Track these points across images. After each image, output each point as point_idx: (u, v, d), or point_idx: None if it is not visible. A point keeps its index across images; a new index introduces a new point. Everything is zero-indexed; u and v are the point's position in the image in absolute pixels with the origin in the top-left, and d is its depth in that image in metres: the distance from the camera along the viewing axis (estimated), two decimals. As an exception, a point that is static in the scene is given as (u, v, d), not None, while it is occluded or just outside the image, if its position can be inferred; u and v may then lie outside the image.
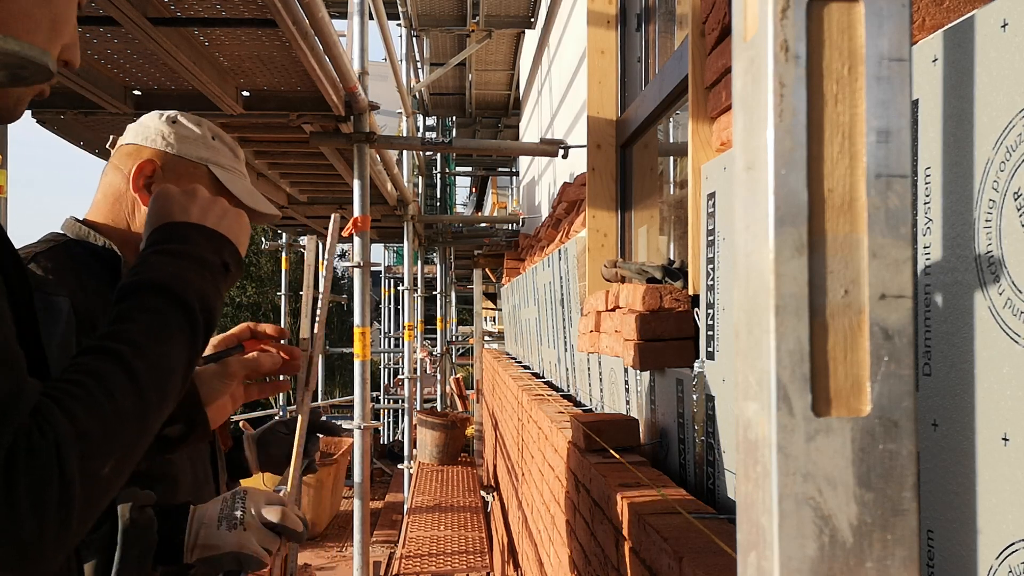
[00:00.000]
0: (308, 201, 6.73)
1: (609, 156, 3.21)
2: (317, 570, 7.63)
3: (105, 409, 0.70)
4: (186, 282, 0.85)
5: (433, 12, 7.77)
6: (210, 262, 0.90)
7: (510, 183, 16.26)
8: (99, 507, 0.71)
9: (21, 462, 0.64)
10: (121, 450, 0.71)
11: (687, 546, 1.37)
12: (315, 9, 2.91)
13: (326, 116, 3.92)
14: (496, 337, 12.96)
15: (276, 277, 19.63)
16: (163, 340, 0.80)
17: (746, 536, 0.47)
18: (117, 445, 0.71)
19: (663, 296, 1.97)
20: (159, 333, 0.80)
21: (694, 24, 1.91)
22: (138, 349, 0.76)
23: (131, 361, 0.75)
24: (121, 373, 0.74)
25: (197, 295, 0.85)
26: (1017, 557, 0.82)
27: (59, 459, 0.66)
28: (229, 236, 0.95)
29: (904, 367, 0.45)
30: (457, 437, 8.75)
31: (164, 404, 0.78)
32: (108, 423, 0.70)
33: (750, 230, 0.47)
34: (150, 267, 0.86)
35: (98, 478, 0.69)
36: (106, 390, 0.71)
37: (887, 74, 0.45)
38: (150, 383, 0.75)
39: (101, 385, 0.72)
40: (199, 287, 0.86)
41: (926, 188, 0.97)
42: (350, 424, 4.08)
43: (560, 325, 4.08)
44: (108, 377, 0.73)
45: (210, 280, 0.89)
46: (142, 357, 0.76)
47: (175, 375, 0.80)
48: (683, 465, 2.01)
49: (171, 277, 0.85)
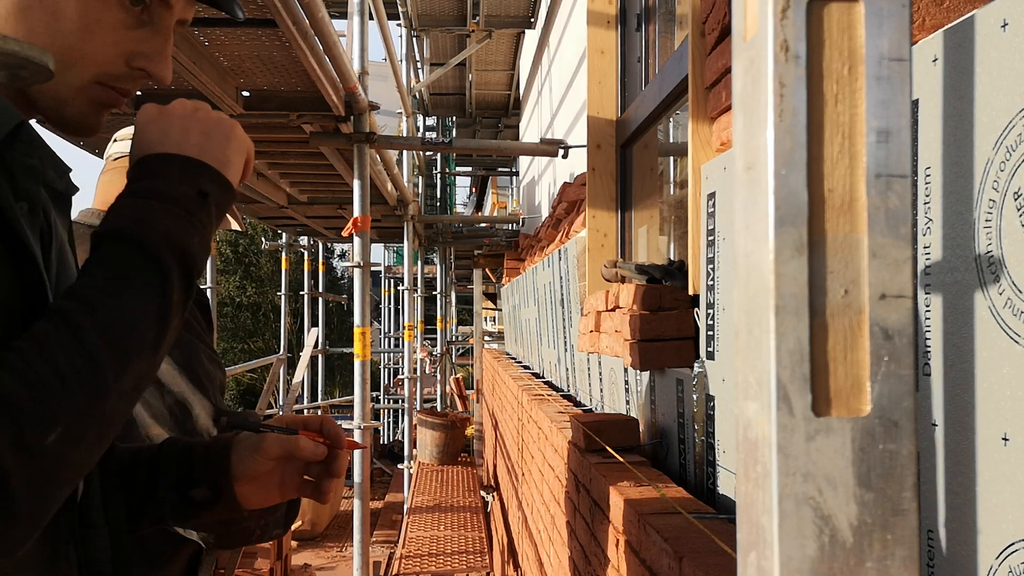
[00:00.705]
0: (308, 201, 6.73)
1: (609, 156, 3.21)
2: (317, 570, 7.64)
3: (40, 374, 0.66)
4: (147, 224, 0.77)
5: (433, 12, 7.78)
6: (180, 195, 0.81)
7: (510, 183, 16.26)
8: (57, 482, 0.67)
9: None
10: (68, 417, 0.66)
11: (687, 546, 1.37)
12: (315, 9, 2.91)
13: (326, 116, 3.92)
14: (496, 337, 12.96)
15: (276, 277, 19.64)
16: (118, 291, 0.73)
17: (746, 536, 0.47)
18: (60, 412, 0.66)
19: (663, 296, 1.97)
20: (113, 284, 0.74)
21: (694, 24, 1.91)
22: (87, 304, 0.71)
23: (77, 318, 0.69)
24: (65, 333, 0.68)
25: (162, 236, 0.77)
26: (1017, 557, 0.82)
27: None
28: (209, 159, 0.85)
29: (904, 367, 0.45)
30: (457, 437, 8.76)
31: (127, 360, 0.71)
32: (44, 390, 0.65)
33: (750, 230, 0.47)
34: (113, 214, 0.79)
35: (41, 450, 0.64)
36: (45, 353, 0.67)
37: (887, 74, 0.45)
38: (102, 340, 0.70)
39: (40, 349, 0.67)
40: (165, 226, 0.78)
41: (926, 188, 0.97)
42: (350, 424, 4.08)
43: (560, 325, 4.08)
44: (49, 339, 0.68)
45: (181, 215, 0.79)
46: (90, 312, 0.70)
47: (139, 327, 0.73)
48: (683, 465, 2.01)
49: (131, 221, 0.77)
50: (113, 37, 0.83)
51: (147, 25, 0.86)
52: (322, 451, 1.00)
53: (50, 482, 0.67)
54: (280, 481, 1.01)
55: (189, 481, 0.99)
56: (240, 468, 0.99)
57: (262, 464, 0.99)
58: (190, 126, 0.86)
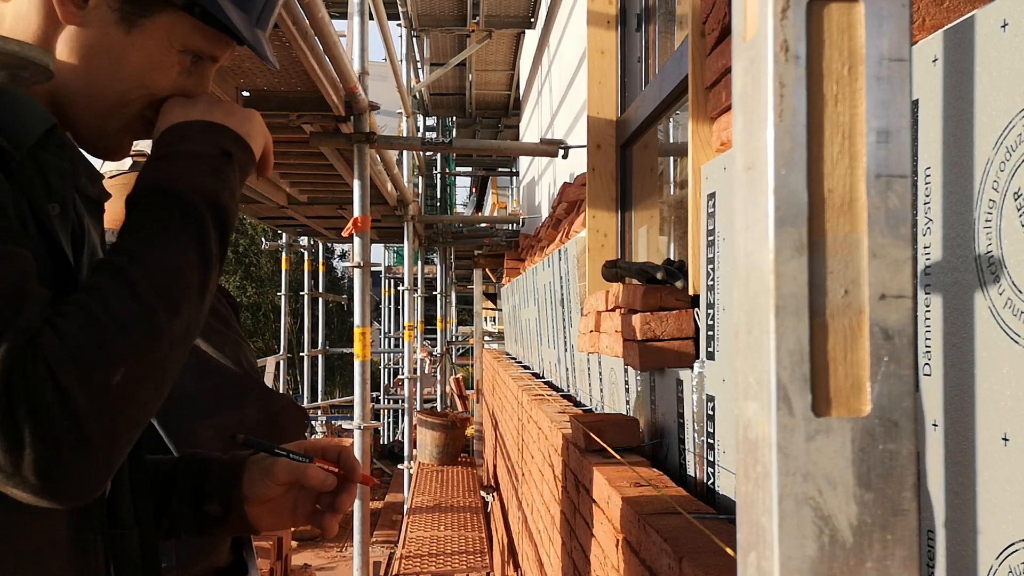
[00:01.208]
0: (308, 201, 6.73)
1: (609, 156, 3.21)
2: (317, 570, 7.63)
3: (99, 319, 0.70)
4: (179, 180, 0.81)
5: (433, 12, 7.78)
6: (205, 153, 0.86)
7: (510, 183, 16.26)
8: (127, 419, 0.71)
9: (19, 388, 0.65)
10: (130, 357, 0.70)
11: (687, 546, 1.37)
12: (315, 9, 2.91)
13: (326, 116, 3.92)
14: (496, 337, 12.97)
15: (276, 277, 19.63)
16: (160, 242, 0.78)
17: (746, 536, 0.47)
18: (121, 353, 0.70)
19: (663, 296, 1.97)
20: (154, 236, 0.78)
21: (694, 24, 1.91)
22: (133, 257, 0.75)
23: (127, 269, 0.74)
24: (115, 281, 0.73)
25: (192, 188, 0.81)
26: (1017, 557, 0.82)
27: (53, 377, 0.66)
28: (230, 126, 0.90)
29: (904, 367, 0.45)
30: (457, 437, 8.76)
31: (178, 305, 0.76)
32: (105, 332, 0.70)
33: (750, 230, 0.47)
34: (144, 177, 0.83)
35: (108, 387, 0.68)
36: (100, 301, 0.71)
37: (887, 74, 0.45)
38: (151, 287, 0.74)
39: (94, 297, 0.71)
40: (194, 181, 0.82)
41: (926, 188, 0.97)
42: (350, 424, 4.08)
43: (560, 325, 4.08)
44: (102, 288, 0.72)
45: (207, 171, 0.84)
46: (138, 263, 0.75)
47: (183, 274, 0.77)
48: (683, 465, 2.01)
49: (164, 179, 0.82)
50: (165, 83, 0.89)
51: (193, 75, 0.91)
52: (331, 482, 1.00)
53: (121, 421, 0.71)
54: (292, 507, 1.03)
55: (202, 496, 1.01)
56: (251, 490, 1.01)
57: (271, 488, 1.00)
58: (213, 106, 0.91)
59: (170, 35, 0.87)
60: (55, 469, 0.67)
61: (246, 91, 3.76)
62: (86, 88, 0.85)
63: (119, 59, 0.85)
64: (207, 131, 0.88)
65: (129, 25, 0.84)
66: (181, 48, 0.88)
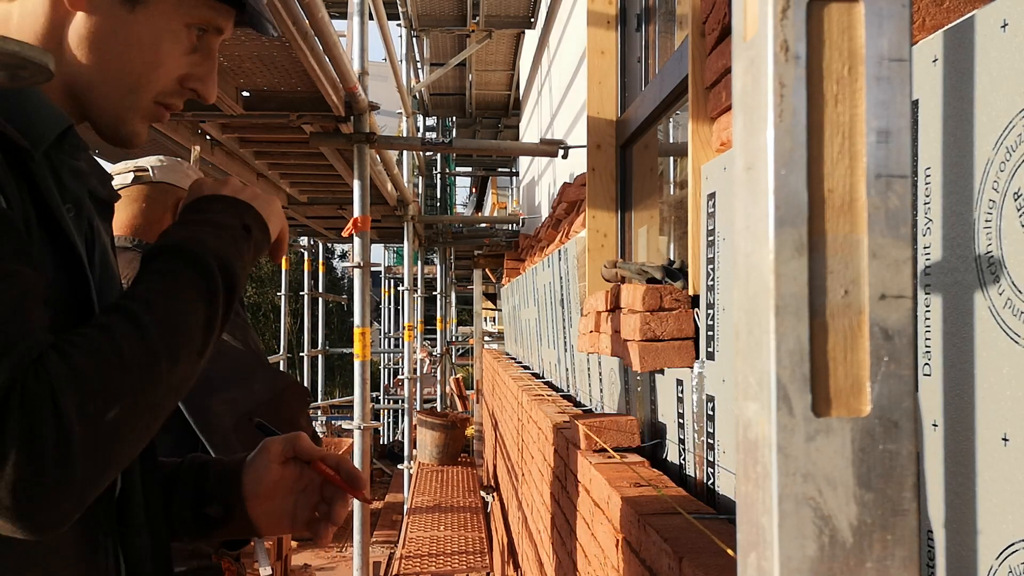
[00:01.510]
0: (308, 201, 6.73)
1: (609, 156, 3.21)
2: (317, 570, 7.63)
3: (106, 354, 0.71)
4: (199, 241, 0.84)
5: (433, 12, 7.77)
6: (228, 224, 0.89)
7: (510, 183, 16.26)
8: (111, 456, 0.71)
9: (15, 402, 0.65)
10: (128, 396, 0.71)
11: (687, 546, 1.37)
12: (315, 9, 2.91)
13: (326, 116, 3.92)
14: (496, 337, 12.96)
15: (276, 277, 19.62)
16: (173, 295, 0.80)
17: (746, 536, 0.47)
18: (121, 390, 0.71)
19: (663, 296, 1.97)
20: (169, 289, 0.80)
21: (694, 24, 1.91)
22: (146, 303, 0.77)
23: (138, 313, 0.75)
24: (127, 323, 0.74)
25: (211, 252, 0.84)
26: (1017, 557, 0.82)
27: (53, 398, 0.66)
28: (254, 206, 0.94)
29: (904, 367, 0.45)
30: (457, 437, 8.76)
31: (179, 356, 0.77)
32: (109, 367, 0.71)
33: (750, 230, 0.47)
34: (166, 235, 0.86)
35: (101, 421, 0.69)
36: (109, 338, 0.72)
37: (887, 74, 0.45)
38: (158, 334, 0.75)
39: (104, 333, 0.72)
40: (214, 245, 0.85)
41: (926, 188, 0.97)
42: (350, 424, 4.08)
43: (560, 325, 4.08)
44: (113, 327, 0.73)
45: (228, 240, 0.87)
46: (150, 310, 0.76)
47: (190, 328, 0.79)
48: (683, 465, 2.01)
49: (184, 239, 0.84)
50: (175, 62, 0.91)
51: (199, 50, 0.93)
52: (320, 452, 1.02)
53: (107, 453, 0.71)
54: (292, 512, 1.04)
55: (203, 498, 1.02)
56: (250, 484, 1.02)
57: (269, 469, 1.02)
58: (241, 188, 0.95)
59: (177, 8, 0.88)
60: (33, 490, 0.66)
61: (246, 91, 3.75)
62: (100, 75, 0.87)
63: (128, 40, 0.86)
64: (232, 206, 0.92)
65: (133, 3, 0.86)
66: (188, 21, 0.90)
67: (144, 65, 0.88)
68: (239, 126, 4.19)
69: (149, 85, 0.90)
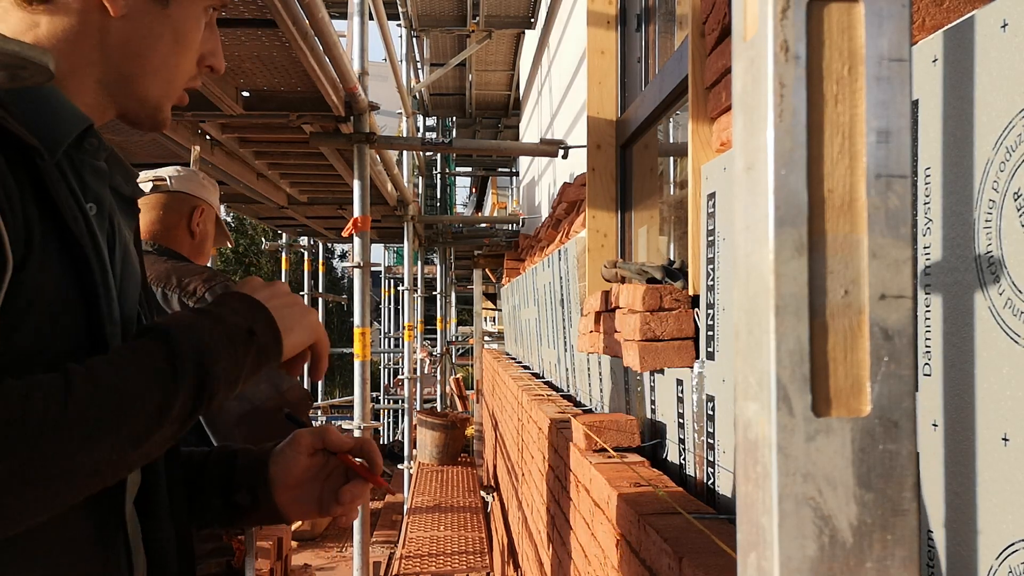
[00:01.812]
0: (308, 201, 6.73)
1: (609, 156, 3.21)
2: (317, 570, 7.63)
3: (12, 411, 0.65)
4: (186, 331, 0.79)
5: (433, 12, 7.78)
6: (231, 323, 0.83)
7: (510, 183, 16.26)
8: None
9: None
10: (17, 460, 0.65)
11: (687, 546, 1.37)
12: (315, 9, 2.91)
13: (326, 116, 3.92)
14: (496, 337, 12.96)
15: (276, 277, 19.62)
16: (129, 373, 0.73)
17: (746, 536, 0.47)
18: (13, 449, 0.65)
19: (663, 296, 1.97)
20: (127, 365, 0.74)
21: (694, 24, 1.91)
22: (91, 373, 0.71)
23: (75, 381, 0.69)
24: (56, 385, 0.68)
25: (195, 344, 0.78)
26: (1017, 557, 0.82)
27: None
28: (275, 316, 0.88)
29: (904, 367, 0.45)
30: (457, 437, 8.76)
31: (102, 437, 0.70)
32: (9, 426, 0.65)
33: (750, 230, 0.47)
34: (169, 318, 0.82)
35: None
36: (28, 395, 0.67)
37: (887, 74, 0.45)
38: (86, 406, 0.69)
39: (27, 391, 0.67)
40: (202, 339, 0.79)
41: (926, 188, 0.97)
42: (350, 424, 4.08)
43: (560, 325, 4.08)
44: (40, 385, 0.68)
45: (220, 337, 0.81)
46: (90, 381, 0.70)
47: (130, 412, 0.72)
48: (683, 465, 2.01)
49: (178, 325, 0.79)
50: (197, 43, 0.94)
51: (207, 27, 0.96)
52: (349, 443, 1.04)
53: None
54: (319, 497, 1.05)
55: (231, 486, 1.04)
56: (278, 473, 1.03)
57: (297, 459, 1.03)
58: (277, 295, 0.90)
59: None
60: None
61: (246, 91, 3.75)
62: (141, 71, 0.89)
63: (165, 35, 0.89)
64: (246, 306, 0.87)
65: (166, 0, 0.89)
66: (207, 4, 0.94)
67: (180, 56, 0.91)
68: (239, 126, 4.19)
69: (184, 72, 0.93)
